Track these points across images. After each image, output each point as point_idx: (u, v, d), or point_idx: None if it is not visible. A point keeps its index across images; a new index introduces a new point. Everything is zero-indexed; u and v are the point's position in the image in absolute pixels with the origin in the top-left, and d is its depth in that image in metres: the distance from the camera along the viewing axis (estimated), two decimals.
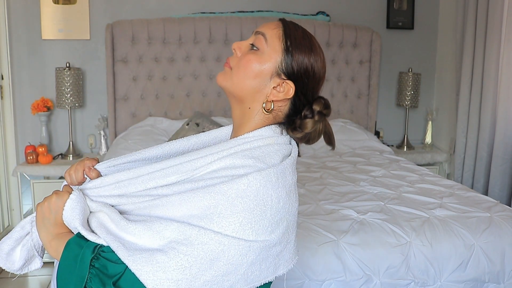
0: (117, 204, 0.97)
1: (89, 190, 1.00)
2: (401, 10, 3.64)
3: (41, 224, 0.97)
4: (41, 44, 3.23)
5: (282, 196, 0.92)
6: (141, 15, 3.29)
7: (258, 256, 0.90)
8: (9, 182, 3.24)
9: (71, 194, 0.96)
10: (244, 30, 3.28)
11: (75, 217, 0.94)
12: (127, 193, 0.97)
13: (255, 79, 0.98)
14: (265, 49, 0.98)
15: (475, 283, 1.77)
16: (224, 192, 0.88)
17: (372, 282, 1.70)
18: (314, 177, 2.44)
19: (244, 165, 0.92)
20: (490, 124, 3.04)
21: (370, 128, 3.55)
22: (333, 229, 1.78)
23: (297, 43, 0.98)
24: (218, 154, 0.96)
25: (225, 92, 1.03)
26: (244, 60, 0.99)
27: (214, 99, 3.34)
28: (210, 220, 0.88)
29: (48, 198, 0.97)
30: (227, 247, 0.87)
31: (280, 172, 0.93)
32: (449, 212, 1.95)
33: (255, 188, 0.89)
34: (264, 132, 0.99)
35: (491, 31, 2.97)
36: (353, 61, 3.46)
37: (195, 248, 0.86)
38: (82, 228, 0.93)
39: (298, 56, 0.97)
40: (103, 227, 0.92)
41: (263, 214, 0.89)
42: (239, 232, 0.87)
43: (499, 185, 2.94)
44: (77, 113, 3.34)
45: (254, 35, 1.01)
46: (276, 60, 0.97)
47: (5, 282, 2.81)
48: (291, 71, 0.97)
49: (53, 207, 0.96)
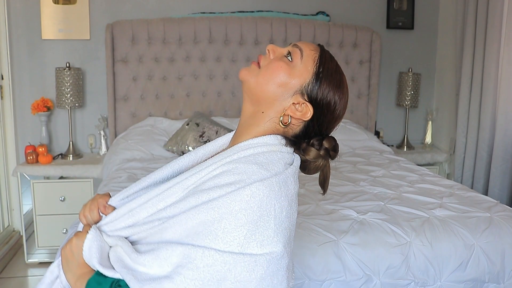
0: (131, 235, 0.98)
1: (106, 225, 1.02)
2: (401, 10, 3.64)
3: (66, 267, 1.00)
4: (41, 44, 3.23)
5: (285, 206, 0.92)
6: (141, 15, 3.29)
7: (267, 270, 0.89)
8: (9, 182, 3.25)
9: (88, 233, 0.98)
10: (244, 30, 3.28)
11: (92, 256, 0.96)
12: (139, 221, 0.98)
13: (279, 87, 0.98)
14: (298, 64, 0.98)
15: (475, 283, 1.77)
16: (228, 205, 0.88)
17: (372, 282, 1.70)
18: (314, 177, 2.43)
19: (246, 170, 0.92)
20: (490, 124, 3.04)
21: (370, 128, 3.55)
22: (333, 229, 1.78)
23: (328, 73, 0.98)
24: (221, 161, 0.96)
25: (244, 88, 1.02)
26: (275, 65, 0.98)
27: (214, 99, 3.34)
28: (215, 236, 0.87)
29: (70, 241, 1.00)
30: (233, 265, 0.86)
31: (283, 181, 0.93)
32: (449, 212, 1.95)
33: (259, 198, 0.89)
34: (269, 140, 0.98)
35: (491, 31, 2.97)
36: (353, 61, 3.46)
37: (201, 271, 0.86)
38: (100, 265, 0.95)
39: (326, 87, 0.98)
40: (119, 261, 0.94)
41: (267, 225, 0.89)
42: (244, 245, 0.87)
43: (499, 185, 2.94)
44: (77, 113, 3.34)
45: (292, 47, 1.01)
46: (305, 80, 0.98)
47: (5, 282, 2.82)
48: (314, 97, 0.98)
49: (75, 249, 0.98)
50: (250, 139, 0.99)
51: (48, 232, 2.97)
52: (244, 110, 1.04)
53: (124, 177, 2.46)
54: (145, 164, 2.71)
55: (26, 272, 2.94)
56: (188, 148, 2.90)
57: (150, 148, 2.94)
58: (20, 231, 3.20)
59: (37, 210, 2.96)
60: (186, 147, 2.91)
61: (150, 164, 2.71)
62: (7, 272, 2.91)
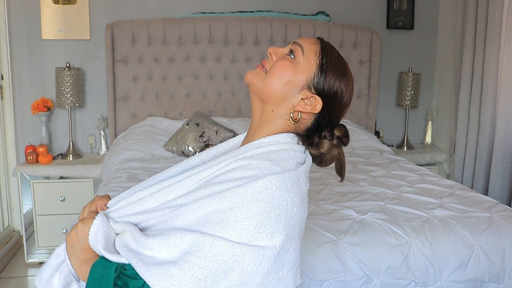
0: (140, 221, 0.99)
1: (114, 212, 1.03)
2: (401, 10, 3.64)
3: (70, 251, 1.01)
4: (41, 44, 3.23)
5: (296, 202, 0.93)
6: (141, 15, 3.29)
7: (274, 265, 0.90)
8: (9, 182, 3.25)
9: (94, 219, 0.98)
10: (244, 30, 3.28)
11: (98, 242, 0.97)
12: (149, 209, 0.99)
13: (286, 85, 0.99)
14: (300, 60, 1.00)
15: (475, 283, 1.77)
16: (240, 195, 0.89)
17: (372, 282, 1.70)
18: (314, 177, 2.44)
19: (259, 166, 0.93)
20: (490, 124, 3.04)
21: (370, 128, 3.55)
22: (333, 229, 1.78)
23: (332, 64, 1.00)
24: (233, 158, 0.97)
25: (251, 90, 1.04)
26: (279, 64, 1.00)
27: (214, 99, 3.34)
28: (226, 225, 0.88)
29: (75, 226, 1.01)
30: (241, 257, 0.87)
31: (295, 178, 0.94)
32: (449, 212, 1.95)
33: (271, 191, 0.90)
34: (281, 138, 1.00)
35: (491, 31, 2.97)
36: (353, 61, 3.46)
37: (209, 260, 0.87)
38: (105, 251, 0.96)
39: (331, 77, 0.99)
40: (125, 246, 0.96)
41: (278, 218, 0.90)
42: (253, 235, 0.88)
43: (499, 185, 2.94)
44: (77, 113, 3.34)
45: (292, 45, 1.02)
46: (310, 74, 0.99)
47: (5, 282, 2.82)
48: (321, 88, 0.99)
49: (80, 234, 0.99)
50: (263, 137, 1.00)
51: (48, 232, 2.97)
52: (254, 111, 1.05)
53: (124, 177, 2.46)
54: (145, 164, 2.71)
55: (26, 272, 2.94)
56: (188, 148, 2.90)
57: (150, 148, 2.94)
58: (20, 231, 3.20)
59: (37, 210, 2.97)
60: (186, 147, 2.91)
61: (150, 164, 2.71)
62: (7, 272, 2.92)
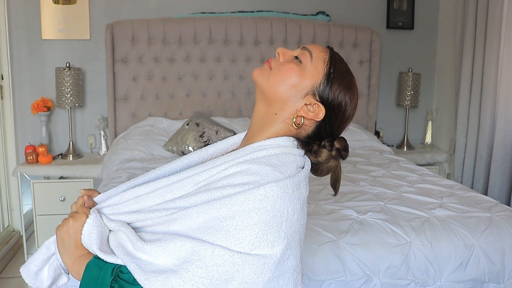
0: (135, 221, 0.97)
1: (108, 208, 1.01)
2: (401, 10, 3.64)
3: (62, 248, 0.99)
4: (41, 44, 3.23)
5: (297, 209, 0.92)
6: (141, 15, 3.29)
7: (274, 273, 0.89)
8: (9, 182, 3.24)
9: (88, 218, 0.96)
10: (244, 30, 3.28)
11: (93, 242, 0.95)
12: (145, 208, 0.98)
13: (291, 88, 0.99)
14: (308, 66, 0.99)
15: (475, 283, 1.77)
16: (241, 203, 0.88)
17: (372, 282, 1.70)
18: (314, 177, 2.44)
19: (260, 171, 0.92)
20: (490, 124, 3.04)
21: (370, 128, 3.55)
22: (333, 229, 1.78)
23: (339, 74, 0.99)
24: (234, 161, 0.96)
25: (256, 89, 1.03)
26: (286, 67, 0.99)
27: (214, 99, 3.34)
28: (226, 233, 0.88)
29: (66, 222, 0.98)
30: (242, 266, 0.87)
31: (296, 184, 0.93)
32: (449, 212, 1.95)
33: (273, 199, 0.89)
34: (282, 142, 0.99)
35: (491, 31, 2.97)
36: (353, 61, 3.46)
37: (210, 270, 0.86)
38: (100, 252, 0.94)
39: (337, 87, 0.99)
40: (120, 247, 0.94)
41: (279, 226, 0.89)
42: (254, 244, 0.87)
43: (499, 185, 2.94)
44: (77, 113, 3.34)
45: (301, 49, 1.02)
46: (316, 81, 0.99)
47: (5, 282, 2.82)
48: (326, 97, 0.99)
49: (71, 231, 0.97)
50: (263, 140, 1.00)
51: (48, 232, 2.96)
52: (256, 111, 1.04)
53: (124, 177, 2.46)
54: (145, 164, 2.71)
55: None
56: (188, 148, 2.90)
57: (150, 148, 2.94)
58: (20, 231, 3.20)
59: (37, 210, 2.97)
60: (186, 147, 2.91)
61: (150, 164, 2.71)
62: (7, 272, 2.91)
